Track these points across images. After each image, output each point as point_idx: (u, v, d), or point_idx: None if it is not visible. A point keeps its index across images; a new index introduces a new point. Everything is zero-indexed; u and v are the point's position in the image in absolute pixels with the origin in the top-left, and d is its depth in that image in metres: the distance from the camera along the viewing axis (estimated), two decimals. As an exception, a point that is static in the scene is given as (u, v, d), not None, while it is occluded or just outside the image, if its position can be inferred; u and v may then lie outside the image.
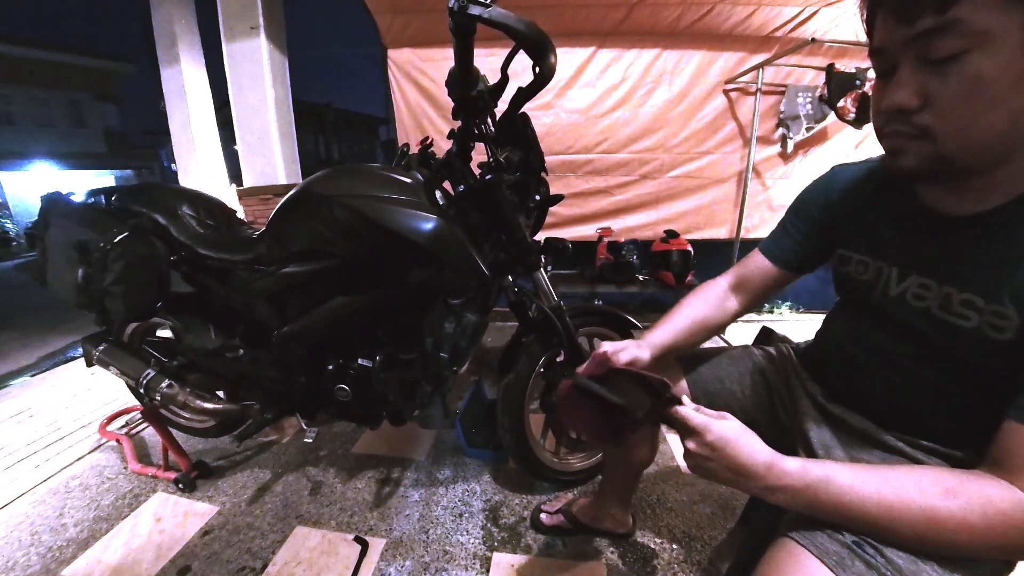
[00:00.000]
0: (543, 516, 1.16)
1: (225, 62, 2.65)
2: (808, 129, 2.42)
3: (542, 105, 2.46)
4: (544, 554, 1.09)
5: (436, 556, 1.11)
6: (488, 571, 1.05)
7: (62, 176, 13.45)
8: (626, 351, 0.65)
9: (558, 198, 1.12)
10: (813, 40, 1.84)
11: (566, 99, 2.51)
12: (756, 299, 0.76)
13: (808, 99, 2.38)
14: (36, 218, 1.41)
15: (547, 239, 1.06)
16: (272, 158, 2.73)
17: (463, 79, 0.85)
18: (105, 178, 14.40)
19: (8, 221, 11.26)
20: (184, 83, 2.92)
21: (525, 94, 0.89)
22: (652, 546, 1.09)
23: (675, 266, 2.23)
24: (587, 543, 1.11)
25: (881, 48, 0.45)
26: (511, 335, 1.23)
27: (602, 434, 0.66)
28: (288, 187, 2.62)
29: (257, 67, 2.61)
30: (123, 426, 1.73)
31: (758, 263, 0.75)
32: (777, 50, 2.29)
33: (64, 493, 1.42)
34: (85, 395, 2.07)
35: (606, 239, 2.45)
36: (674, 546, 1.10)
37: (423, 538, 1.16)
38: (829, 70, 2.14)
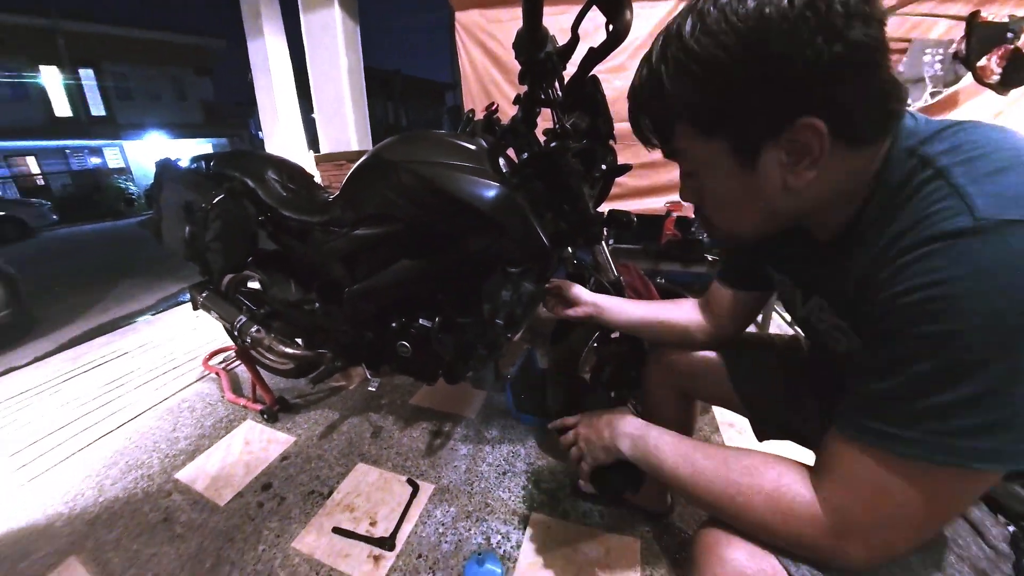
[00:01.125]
0: (581, 482, 1.18)
1: (303, 32, 2.77)
2: (934, 94, 1.98)
3: (614, 67, 2.29)
4: (580, 521, 1.12)
5: (478, 507, 1.18)
6: (525, 529, 1.10)
7: (170, 144, 15.22)
8: (574, 306, 0.89)
9: (626, 168, 1.06)
10: None
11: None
12: (733, 321, 0.78)
13: (938, 57, 1.93)
14: (152, 181, 1.62)
15: (611, 211, 1.01)
16: (345, 125, 2.86)
17: (531, 40, 0.82)
18: (204, 146, 16.07)
19: (131, 183, 13.04)
20: (268, 55, 3.08)
21: (596, 55, 0.83)
22: (690, 532, 1.07)
23: (747, 247, 2.04)
24: (623, 517, 1.11)
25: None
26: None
27: None
28: (360, 153, 2.74)
29: (331, 36, 2.69)
30: (221, 362, 2.01)
31: (716, 289, 0.77)
32: None
33: (177, 412, 1.69)
34: (192, 333, 2.41)
35: (675, 214, 2.29)
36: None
37: (468, 489, 1.24)
38: (971, 20, 1.75)
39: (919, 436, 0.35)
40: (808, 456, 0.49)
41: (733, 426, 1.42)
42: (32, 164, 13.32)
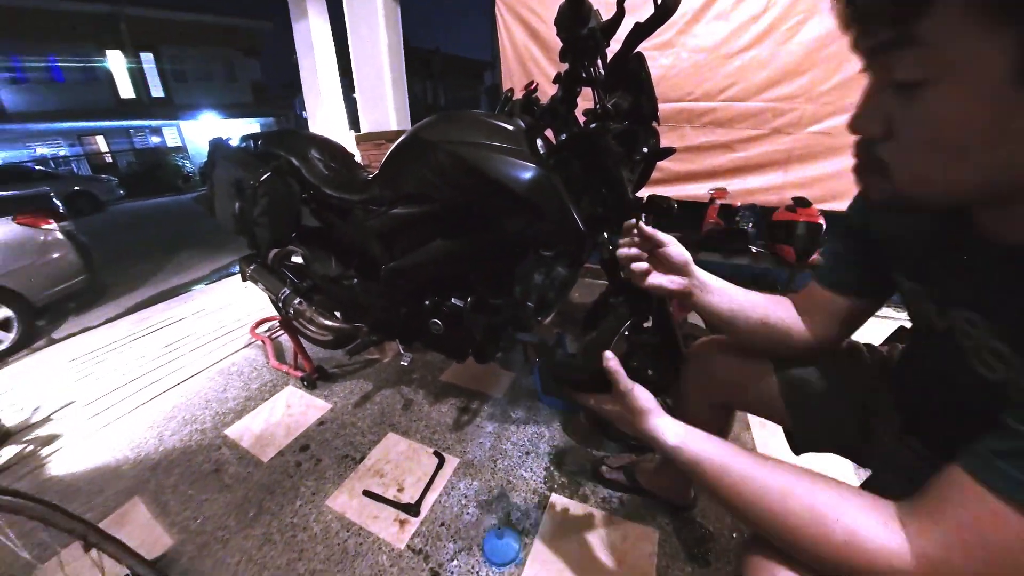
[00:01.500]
0: (604, 469, 1.18)
1: (344, 11, 2.80)
2: None
3: (660, 44, 2.17)
4: (599, 507, 1.12)
5: (500, 483, 1.21)
6: (544, 509, 1.12)
7: (222, 124, 15.99)
8: (674, 274, 0.66)
9: (669, 151, 1.02)
10: None
11: (690, 36, 2.14)
12: (829, 331, 0.64)
13: None
14: (205, 159, 1.70)
15: (651, 196, 0.97)
16: (385, 105, 2.89)
17: (573, 15, 0.79)
18: (253, 125, 16.76)
19: (187, 161, 13.87)
20: (311, 36, 3.13)
21: (643, 30, 0.79)
22: (711, 529, 1.05)
23: (799, 240, 1.86)
24: (643, 507, 1.11)
25: (856, 49, 0.36)
26: (599, 293, 1.21)
27: None
28: (398, 133, 2.78)
29: (372, 15, 2.70)
30: (266, 330, 2.14)
31: (817, 293, 0.64)
32: None
33: (227, 375, 1.83)
34: (240, 303, 2.58)
35: (719, 201, 2.18)
36: (734, 535, 1.04)
37: (491, 465, 1.27)
38: None
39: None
40: (848, 469, 0.45)
41: (765, 427, 1.37)
42: (101, 143, 14.44)
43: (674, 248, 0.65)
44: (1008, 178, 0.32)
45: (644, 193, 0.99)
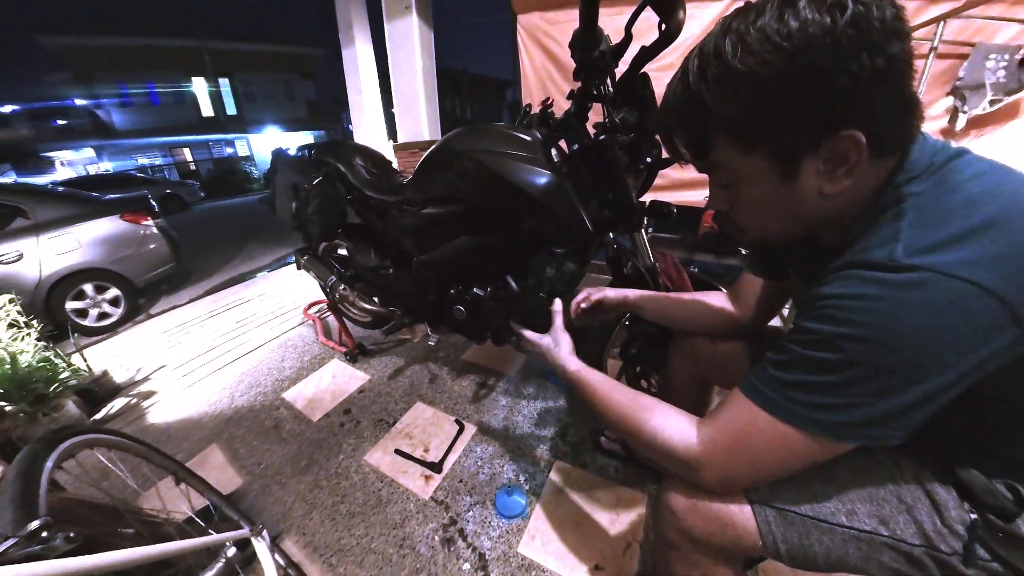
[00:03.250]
0: (603, 440, 1.18)
1: (386, 39, 2.80)
2: (993, 102, 1.61)
3: (664, 66, 2.09)
4: (597, 473, 1.12)
5: (511, 449, 1.22)
6: (549, 473, 1.12)
7: (282, 136, 16.34)
8: (595, 295, 0.82)
9: (669, 161, 0.97)
10: None
11: None
12: (760, 310, 0.72)
13: (1002, 63, 1.55)
14: (269, 167, 1.74)
15: (652, 202, 0.95)
16: (419, 118, 2.89)
17: (586, 39, 0.76)
18: (307, 137, 17.06)
19: (254, 168, 14.28)
20: (357, 60, 3.16)
21: (648, 53, 0.76)
22: None
23: (782, 243, 1.83)
24: (635, 474, 1.10)
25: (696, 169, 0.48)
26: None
27: None
28: (430, 143, 2.78)
29: (409, 41, 2.70)
30: (316, 311, 2.19)
31: (747, 280, 0.72)
32: None
33: (284, 348, 1.89)
34: (295, 288, 2.65)
35: None
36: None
37: (504, 434, 1.28)
38: None
39: (783, 400, 0.39)
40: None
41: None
42: (187, 154, 15.05)
43: (610, 294, 0.81)
44: (805, 224, 0.44)
45: (647, 198, 0.96)
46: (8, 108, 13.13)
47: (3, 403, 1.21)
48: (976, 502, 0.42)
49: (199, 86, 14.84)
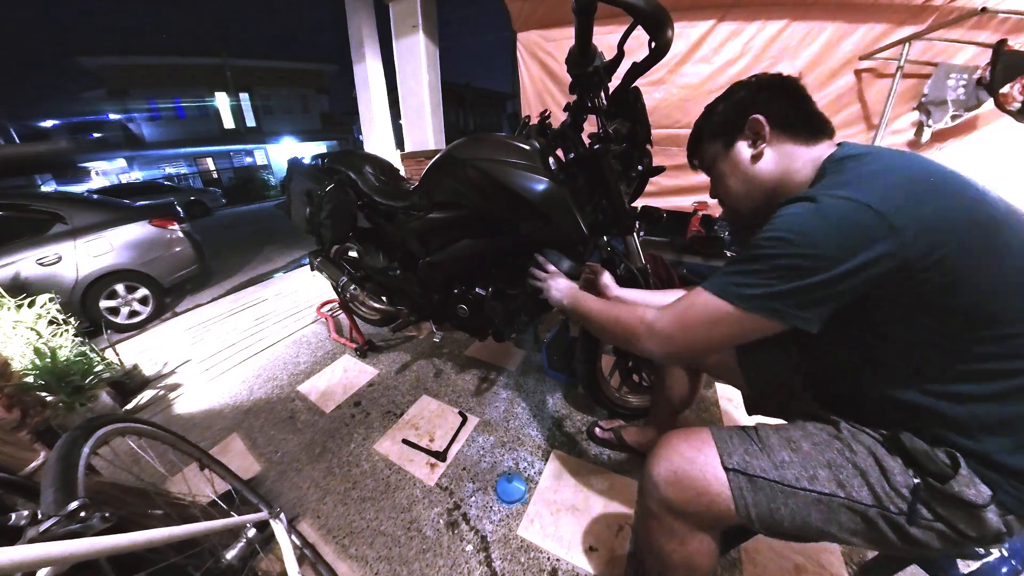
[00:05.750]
0: (597, 430, 1.18)
1: (394, 55, 2.81)
2: (954, 117, 1.64)
3: (654, 81, 2.10)
4: (591, 461, 1.12)
5: (511, 439, 1.22)
6: (546, 461, 1.13)
7: (298, 146, 16.38)
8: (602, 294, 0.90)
9: (659, 169, 0.99)
10: (984, 10, 1.22)
11: (679, 75, 2.07)
12: None
13: (962, 82, 1.58)
14: (285, 175, 1.75)
15: (644, 207, 0.95)
16: (425, 129, 2.90)
17: (581, 56, 0.77)
18: (321, 146, 17.09)
19: (271, 176, 14.35)
20: (368, 75, 3.18)
21: (639, 69, 0.76)
22: None
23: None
24: (628, 462, 1.10)
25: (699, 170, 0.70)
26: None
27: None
28: (435, 152, 2.78)
29: (416, 57, 2.70)
30: (329, 310, 2.20)
31: None
32: (933, 21, 1.55)
33: (299, 344, 1.89)
34: (309, 288, 2.66)
35: (701, 212, 2.11)
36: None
37: (505, 424, 1.28)
38: (998, 48, 1.40)
39: (720, 282, 0.50)
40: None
41: (731, 401, 1.34)
42: (210, 163, 15.12)
43: (605, 277, 0.90)
44: (762, 191, 0.58)
45: (639, 204, 0.97)
46: (50, 123, 13.46)
47: (44, 393, 1.22)
48: (918, 468, 0.45)
49: (222, 100, 14.98)
